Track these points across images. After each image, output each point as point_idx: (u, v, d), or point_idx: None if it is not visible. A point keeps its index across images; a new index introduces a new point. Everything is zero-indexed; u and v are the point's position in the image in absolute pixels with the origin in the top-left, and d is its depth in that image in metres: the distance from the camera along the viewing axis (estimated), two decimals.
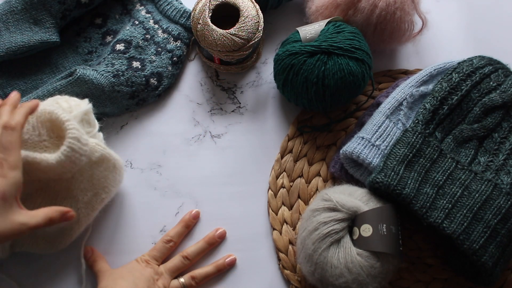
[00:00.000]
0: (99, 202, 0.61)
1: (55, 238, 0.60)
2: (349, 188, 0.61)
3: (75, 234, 0.61)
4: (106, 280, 0.60)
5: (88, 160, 0.57)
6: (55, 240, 0.61)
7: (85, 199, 0.59)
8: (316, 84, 0.63)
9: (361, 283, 0.55)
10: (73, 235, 0.61)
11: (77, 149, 0.54)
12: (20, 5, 0.68)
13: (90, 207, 0.60)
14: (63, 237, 0.61)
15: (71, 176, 0.57)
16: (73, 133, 0.54)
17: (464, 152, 0.62)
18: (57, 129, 0.56)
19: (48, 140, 0.56)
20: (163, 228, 0.67)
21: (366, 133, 0.64)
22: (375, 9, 0.66)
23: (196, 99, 0.73)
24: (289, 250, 0.66)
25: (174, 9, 0.74)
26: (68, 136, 0.53)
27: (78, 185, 0.58)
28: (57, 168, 0.54)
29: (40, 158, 0.53)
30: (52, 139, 0.56)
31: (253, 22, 0.68)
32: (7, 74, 0.69)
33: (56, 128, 0.56)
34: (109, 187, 0.61)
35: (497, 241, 0.56)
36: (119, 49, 0.70)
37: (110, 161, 0.60)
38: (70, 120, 0.54)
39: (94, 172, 0.59)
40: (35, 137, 0.55)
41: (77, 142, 0.54)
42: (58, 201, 0.58)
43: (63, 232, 0.60)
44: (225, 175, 0.69)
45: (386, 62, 0.75)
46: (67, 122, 0.54)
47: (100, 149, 0.58)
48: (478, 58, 0.65)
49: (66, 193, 0.58)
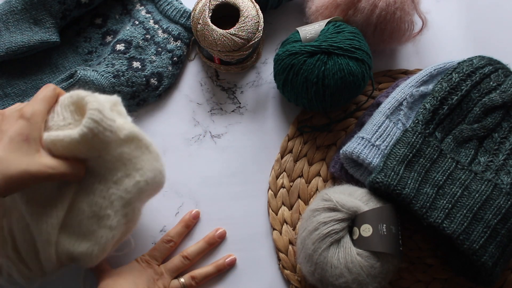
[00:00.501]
0: (133, 184, 0.55)
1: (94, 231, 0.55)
2: (349, 188, 0.61)
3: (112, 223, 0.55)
4: (106, 280, 0.60)
5: (116, 138, 0.54)
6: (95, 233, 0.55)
7: (115, 178, 0.55)
8: (316, 84, 0.63)
9: (361, 283, 0.55)
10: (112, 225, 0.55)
11: (99, 121, 0.51)
12: (20, 5, 0.68)
13: (122, 189, 0.55)
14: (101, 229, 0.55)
15: (98, 155, 0.54)
16: (93, 105, 0.51)
17: (464, 152, 0.62)
18: (81, 109, 0.53)
19: (73, 123, 0.53)
20: (163, 228, 0.67)
21: (366, 133, 0.64)
22: (375, 9, 0.66)
23: (196, 99, 0.73)
24: (289, 250, 0.66)
25: (174, 9, 0.74)
26: (89, 108, 0.51)
27: (106, 165, 0.54)
28: (81, 144, 0.51)
29: (63, 134, 0.51)
30: (77, 121, 0.54)
31: (253, 22, 0.68)
32: (7, 74, 0.69)
33: (79, 109, 0.54)
34: (143, 170, 0.56)
35: (497, 241, 0.56)
36: (119, 49, 0.70)
37: (141, 141, 0.56)
38: (91, 95, 0.53)
39: (123, 151, 0.55)
40: (60, 122, 0.53)
41: (99, 113, 0.51)
42: (87, 179, 0.55)
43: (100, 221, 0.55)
44: (225, 175, 0.69)
45: (386, 62, 0.75)
46: (87, 97, 0.52)
47: (128, 126, 0.55)
48: (478, 58, 0.65)
49: (94, 172, 0.55)
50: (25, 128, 0.49)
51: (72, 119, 0.53)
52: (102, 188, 0.54)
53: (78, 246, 0.54)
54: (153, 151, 0.58)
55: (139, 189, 0.56)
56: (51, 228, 0.53)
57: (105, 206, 0.54)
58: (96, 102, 0.51)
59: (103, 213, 0.54)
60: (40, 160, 0.50)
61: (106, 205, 0.54)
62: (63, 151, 0.52)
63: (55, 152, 0.52)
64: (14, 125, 0.50)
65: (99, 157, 0.54)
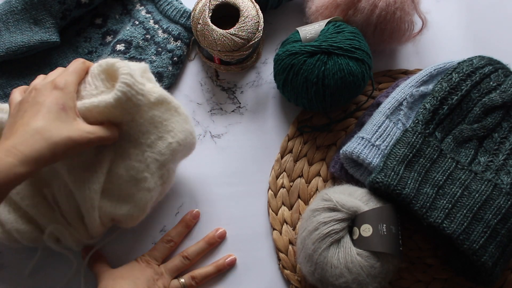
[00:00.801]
0: (166, 146, 0.58)
1: (133, 195, 0.58)
2: (349, 188, 0.61)
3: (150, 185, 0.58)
4: (106, 280, 0.60)
5: (147, 101, 0.56)
6: (134, 197, 0.58)
7: (148, 141, 0.57)
8: (316, 84, 0.63)
9: (361, 283, 0.55)
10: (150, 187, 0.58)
11: (131, 84, 0.53)
12: (20, 5, 0.68)
13: (156, 152, 0.58)
14: (140, 192, 0.58)
15: (131, 119, 0.56)
16: (125, 69, 0.54)
17: (464, 152, 0.62)
18: (112, 76, 0.56)
19: (106, 91, 0.56)
20: (163, 228, 0.67)
21: (366, 133, 0.64)
22: (375, 9, 0.66)
23: (196, 99, 0.73)
24: (289, 250, 0.66)
25: (174, 9, 0.74)
26: (121, 73, 0.53)
27: (139, 128, 0.57)
28: (116, 107, 0.53)
29: (98, 100, 0.53)
30: (109, 89, 0.56)
31: (253, 22, 0.68)
32: (7, 74, 0.69)
33: (110, 76, 0.56)
34: (175, 132, 0.59)
35: (497, 241, 0.56)
36: (119, 49, 0.70)
37: (170, 104, 0.59)
38: (120, 61, 0.55)
39: (155, 114, 0.58)
40: (93, 91, 0.56)
41: (131, 77, 0.53)
42: (122, 145, 0.57)
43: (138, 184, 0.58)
44: (225, 175, 0.69)
45: (386, 62, 0.75)
46: (118, 63, 0.55)
47: (158, 90, 0.58)
48: (478, 58, 0.65)
49: (128, 137, 0.57)
50: (60, 98, 0.51)
51: (104, 87, 0.56)
52: (138, 152, 0.57)
53: (119, 209, 0.58)
54: (182, 113, 0.61)
55: (172, 151, 0.59)
56: (94, 193, 0.56)
57: (142, 169, 0.57)
58: (127, 67, 0.54)
59: (140, 176, 0.57)
60: (79, 127, 0.52)
61: (143, 168, 0.57)
62: (98, 117, 0.54)
63: (91, 119, 0.54)
64: (50, 95, 0.51)
65: (133, 121, 0.56)
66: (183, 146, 0.61)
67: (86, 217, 0.57)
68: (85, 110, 0.54)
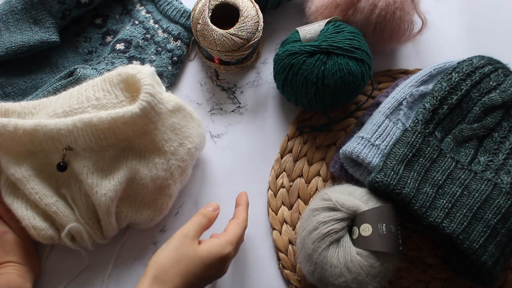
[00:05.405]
0: (186, 152, 0.61)
1: (155, 200, 0.61)
2: (349, 188, 0.61)
3: (172, 191, 0.62)
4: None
5: (165, 109, 0.59)
6: (156, 202, 0.61)
7: (172, 149, 0.60)
8: (316, 84, 0.63)
9: (360, 282, 0.55)
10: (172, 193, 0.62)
11: (154, 94, 0.56)
12: (20, 5, 0.68)
13: (179, 159, 0.61)
14: (162, 197, 0.61)
15: (154, 128, 0.58)
16: (146, 80, 0.56)
17: (464, 152, 0.62)
18: (131, 86, 0.58)
19: (126, 100, 0.58)
20: (163, 228, 0.67)
21: (366, 132, 0.64)
22: (374, 9, 0.66)
23: (196, 99, 0.73)
24: (289, 250, 0.66)
25: (174, 9, 0.74)
26: (143, 84, 0.56)
27: (162, 136, 0.59)
28: (141, 117, 0.55)
29: (123, 111, 0.55)
30: (128, 98, 0.58)
31: (252, 22, 0.68)
32: (7, 74, 0.69)
33: (129, 86, 0.58)
34: (192, 137, 0.62)
35: (497, 241, 0.56)
36: (119, 49, 0.70)
37: (185, 110, 0.62)
38: (136, 69, 0.57)
39: (174, 121, 0.60)
40: (113, 100, 0.58)
41: (153, 88, 0.56)
42: (146, 156, 0.59)
43: (161, 191, 0.61)
44: (225, 175, 0.69)
45: (386, 62, 0.75)
46: (138, 74, 0.57)
47: (173, 98, 0.61)
48: (478, 57, 0.65)
49: (153, 146, 0.59)
50: None
51: (123, 96, 0.58)
52: (163, 162, 0.59)
53: (140, 214, 0.61)
54: (196, 118, 0.64)
55: (191, 156, 0.62)
56: (110, 201, 0.57)
57: (167, 177, 0.60)
58: (148, 78, 0.57)
59: (164, 184, 0.61)
60: None
61: (167, 176, 0.60)
62: (122, 127, 0.56)
63: (116, 132, 0.56)
64: None
65: (156, 129, 0.58)
66: (199, 150, 0.64)
67: (102, 221, 0.59)
68: (111, 121, 0.55)
